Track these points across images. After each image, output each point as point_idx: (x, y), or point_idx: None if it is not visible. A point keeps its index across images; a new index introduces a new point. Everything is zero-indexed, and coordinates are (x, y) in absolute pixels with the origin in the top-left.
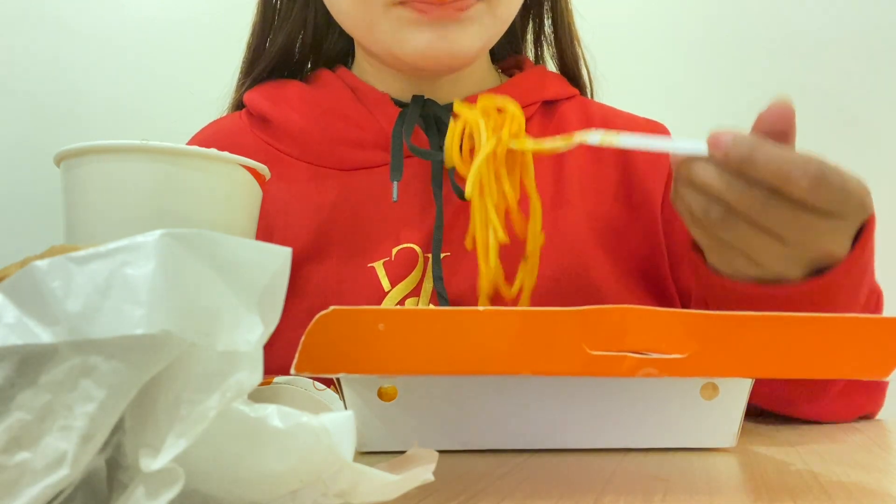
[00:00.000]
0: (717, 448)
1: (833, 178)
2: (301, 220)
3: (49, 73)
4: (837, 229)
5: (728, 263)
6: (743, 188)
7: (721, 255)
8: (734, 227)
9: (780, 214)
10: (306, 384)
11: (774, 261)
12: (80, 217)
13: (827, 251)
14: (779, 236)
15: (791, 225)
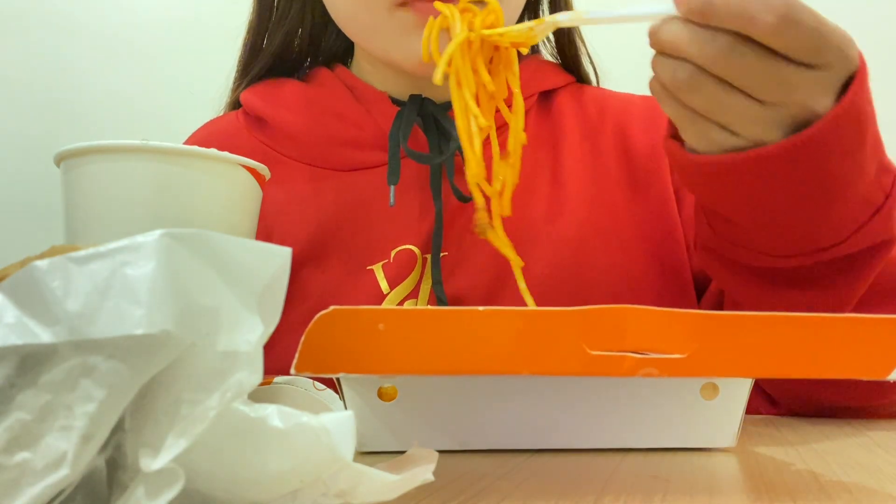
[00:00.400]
0: (717, 448)
1: (805, 17)
2: (299, 223)
3: (49, 73)
4: (816, 82)
5: (703, 136)
6: (706, 38)
7: (695, 127)
8: (703, 88)
9: (748, 65)
10: (307, 384)
11: (749, 124)
12: (80, 217)
13: (808, 109)
14: (750, 93)
15: (761, 77)
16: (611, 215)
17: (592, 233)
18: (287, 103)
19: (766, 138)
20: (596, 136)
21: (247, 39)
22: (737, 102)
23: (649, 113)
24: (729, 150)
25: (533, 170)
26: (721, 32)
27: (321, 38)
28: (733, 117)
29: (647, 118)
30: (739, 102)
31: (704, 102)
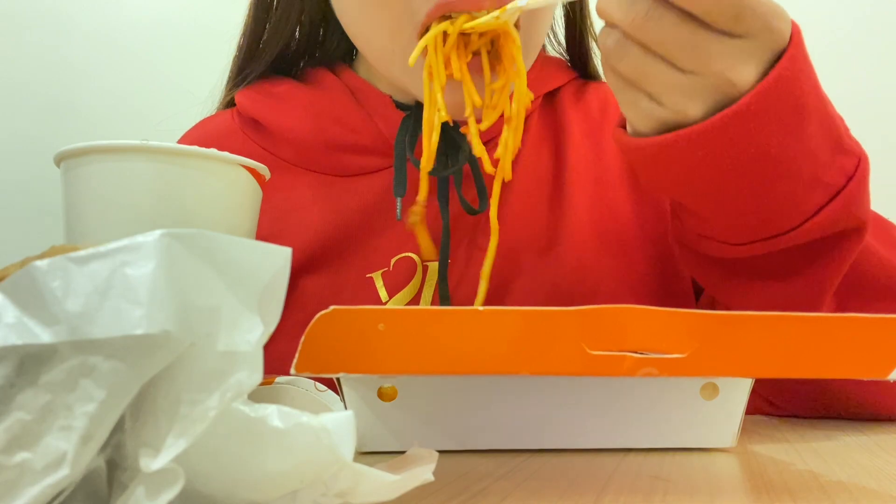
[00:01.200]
0: (717, 448)
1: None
2: (297, 229)
3: (48, 73)
4: (736, 51)
5: (633, 106)
6: (630, 5)
7: (624, 96)
8: (627, 55)
9: (666, 30)
10: (308, 385)
11: (671, 93)
12: (80, 217)
13: (728, 81)
14: (670, 60)
15: (678, 43)
16: (612, 215)
17: (594, 233)
18: (286, 107)
19: (689, 110)
20: (599, 134)
21: (242, 42)
22: (658, 70)
23: None
24: (659, 122)
25: (536, 171)
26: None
27: (319, 40)
28: (656, 86)
29: None
30: (660, 70)
31: (629, 69)
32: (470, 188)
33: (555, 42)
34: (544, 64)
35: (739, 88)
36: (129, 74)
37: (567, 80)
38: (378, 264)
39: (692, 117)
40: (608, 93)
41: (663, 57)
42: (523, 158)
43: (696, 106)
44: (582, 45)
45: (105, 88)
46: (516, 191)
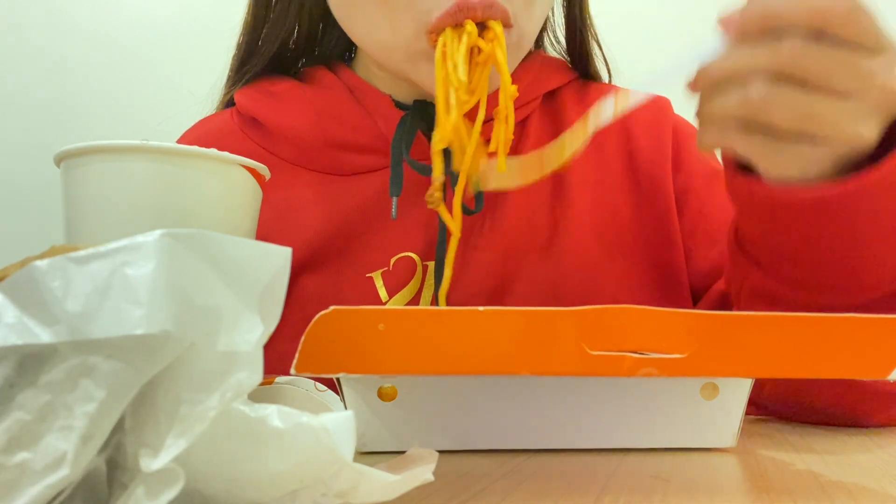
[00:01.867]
0: (717, 448)
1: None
2: (297, 229)
3: (49, 73)
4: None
5: (793, 157)
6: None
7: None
8: (784, 98)
9: (826, 58)
10: (308, 385)
11: (844, 121)
12: (80, 217)
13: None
14: (834, 88)
15: (841, 68)
16: (613, 219)
17: (594, 235)
18: (285, 106)
19: (864, 132)
20: (600, 136)
21: (241, 40)
22: (823, 102)
23: (654, 115)
24: (831, 164)
25: None
26: (786, 36)
27: (318, 38)
28: (823, 120)
29: (651, 120)
30: (826, 101)
31: (790, 111)
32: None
33: (555, 42)
34: (544, 64)
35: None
36: (129, 74)
37: (567, 80)
38: (378, 264)
39: (868, 140)
40: (609, 92)
41: (824, 88)
42: None
43: (869, 128)
44: (583, 46)
45: (105, 88)
46: (517, 191)
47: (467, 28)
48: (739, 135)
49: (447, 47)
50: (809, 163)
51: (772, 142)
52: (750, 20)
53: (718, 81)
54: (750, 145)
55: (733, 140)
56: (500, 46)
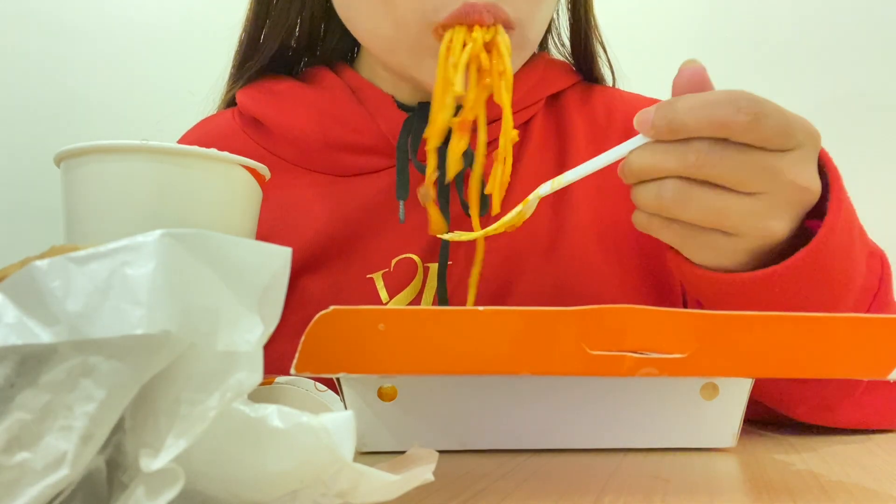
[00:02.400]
0: (717, 448)
1: (769, 108)
2: (298, 229)
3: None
4: (796, 161)
5: (708, 248)
6: (682, 149)
7: (697, 242)
8: (693, 198)
9: (732, 161)
10: (308, 385)
11: (751, 219)
12: (79, 217)
13: (799, 188)
14: (740, 189)
15: (747, 169)
16: (612, 224)
17: (595, 238)
18: (286, 106)
19: (775, 229)
20: (603, 140)
21: (243, 37)
22: (731, 201)
23: None
24: (745, 254)
25: (539, 173)
26: (694, 140)
27: (320, 37)
28: (734, 218)
29: None
30: (733, 200)
31: (699, 211)
32: None
33: (559, 45)
34: (548, 66)
35: (812, 192)
36: (130, 74)
37: (571, 83)
38: (378, 265)
39: (780, 234)
40: (614, 98)
41: (732, 188)
42: (526, 161)
43: (780, 223)
44: (587, 48)
45: (105, 88)
46: (519, 191)
47: (474, 34)
48: (661, 223)
49: (453, 43)
50: (725, 252)
51: (688, 231)
52: (659, 127)
53: (638, 175)
54: (669, 234)
55: (657, 228)
56: (507, 84)
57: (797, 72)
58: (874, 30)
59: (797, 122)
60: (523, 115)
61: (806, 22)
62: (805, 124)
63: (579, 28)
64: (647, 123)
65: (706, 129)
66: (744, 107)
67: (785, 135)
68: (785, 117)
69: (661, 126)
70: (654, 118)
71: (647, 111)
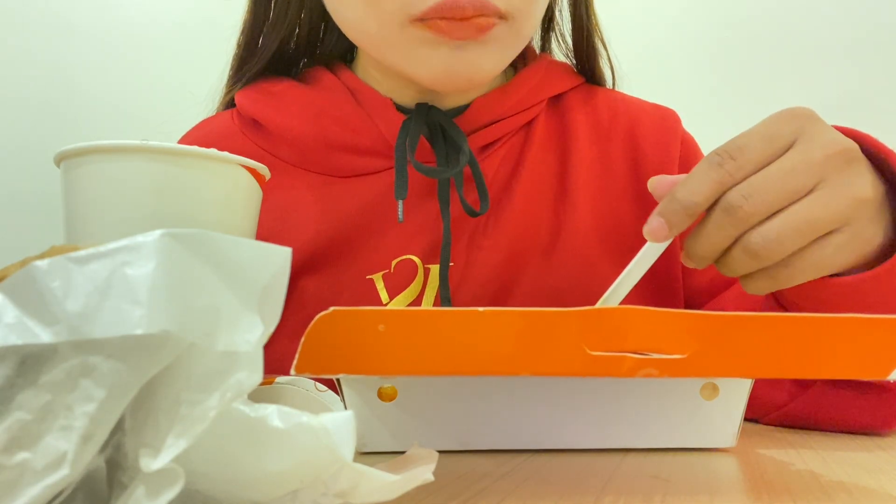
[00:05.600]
0: (717, 448)
1: (738, 139)
2: (297, 230)
3: (49, 73)
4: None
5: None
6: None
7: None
8: (778, 232)
9: (765, 183)
10: (308, 385)
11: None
12: (80, 217)
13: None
14: (798, 195)
15: (782, 177)
16: (615, 226)
17: (597, 239)
18: (285, 107)
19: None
20: (606, 142)
21: (241, 39)
22: (802, 205)
23: (660, 123)
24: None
25: (541, 174)
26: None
27: (319, 38)
28: (819, 214)
29: (658, 128)
30: (804, 203)
31: (793, 234)
32: (471, 190)
33: (562, 42)
34: (551, 67)
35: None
36: (130, 75)
37: (573, 84)
38: (378, 266)
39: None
40: (616, 101)
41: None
42: (528, 160)
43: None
44: (589, 45)
45: (106, 89)
46: (520, 192)
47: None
48: (784, 272)
49: None
50: (851, 247)
51: (810, 256)
52: (675, 222)
53: (708, 260)
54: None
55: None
56: None
57: (796, 72)
58: (873, 32)
59: (767, 127)
60: (525, 115)
61: (804, 22)
62: (776, 122)
63: (581, 26)
64: (659, 229)
65: (710, 192)
66: (720, 152)
67: (768, 142)
68: (755, 129)
69: (677, 218)
70: (664, 219)
71: (649, 223)
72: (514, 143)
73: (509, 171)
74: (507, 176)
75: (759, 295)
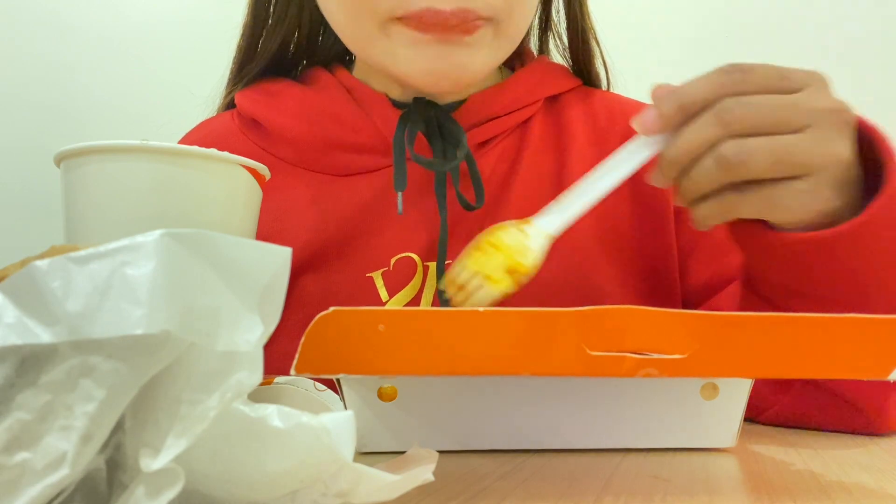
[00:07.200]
0: (717, 448)
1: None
2: (297, 229)
3: (49, 73)
4: (814, 93)
5: (792, 198)
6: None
7: (780, 197)
8: (756, 148)
9: (762, 106)
10: (307, 385)
11: (815, 149)
12: (79, 217)
13: (833, 110)
14: (787, 128)
15: (779, 108)
16: (613, 228)
17: (594, 244)
18: (284, 107)
19: (839, 151)
20: (604, 144)
21: (241, 42)
22: (787, 139)
23: None
24: (820, 193)
25: (538, 173)
26: (714, 105)
27: (318, 40)
28: (796, 153)
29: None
30: (788, 138)
31: (766, 157)
32: (468, 187)
33: (560, 44)
34: (548, 69)
35: (847, 112)
36: (131, 76)
37: (570, 86)
38: (378, 264)
39: (846, 155)
40: (613, 102)
41: (777, 131)
42: (526, 160)
43: (839, 145)
44: (584, 44)
45: (106, 90)
46: (518, 190)
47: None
48: (735, 198)
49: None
50: (809, 195)
51: (766, 190)
52: (669, 112)
53: (682, 160)
54: (750, 203)
55: (732, 204)
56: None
57: None
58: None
59: (784, 68)
60: (521, 114)
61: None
62: (794, 69)
63: (576, 25)
64: (653, 118)
65: (711, 94)
66: (732, 64)
67: (779, 77)
68: (770, 65)
69: (672, 109)
70: (657, 108)
71: (641, 114)
72: (511, 142)
73: (506, 169)
74: (505, 174)
75: (705, 230)
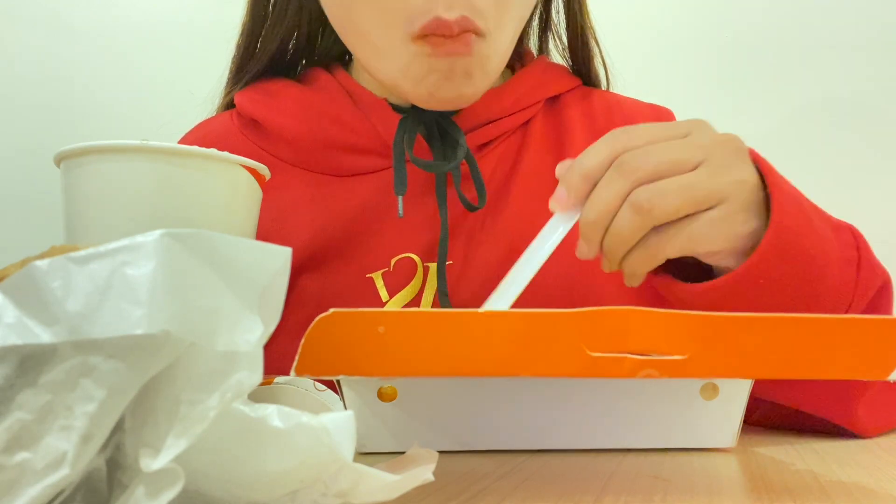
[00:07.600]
0: (717, 448)
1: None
2: (297, 229)
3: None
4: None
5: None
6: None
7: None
8: (666, 189)
9: (658, 151)
10: (307, 385)
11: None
12: (79, 217)
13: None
14: (686, 167)
15: (673, 149)
16: None
17: None
18: (283, 107)
19: (743, 176)
20: None
21: (241, 42)
22: (691, 177)
23: (656, 121)
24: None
25: (538, 173)
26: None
27: (317, 41)
28: (702, 186)
29: None
30: (691, 175)
31: (678, 194)
32: (469, 188)
33: (559, 44)
34: (547, 69)
35: (734, 139)
36: (130, 75)
37: (570, 86)
38: (378, 264)
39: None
40: (612, 102)
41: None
42: (526, 160)
43: (740, 171)
44: (584, 44)
45: (106, 90)
46: (518, 191)
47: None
48: (657, 240)
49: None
50: (726, 223)
51: (685, 225)
52: (574, 185)
53: (601, 221)
54: (676, 241)
55: (656, 249)
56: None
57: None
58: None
59: (667, 122)
60: (522, 115)
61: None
62: (677, 122)
63: (575, 25)
64: (563, 194)
65: (607, 157)
66: (616, 131)
67: (663, 128)
68: (651, 122)
69: (576, 180)
70: (564, 184)
71: (553, 194)
72: (511, 143)
73: (507, 170)
74: (505, 175)
75: (637, 285)
